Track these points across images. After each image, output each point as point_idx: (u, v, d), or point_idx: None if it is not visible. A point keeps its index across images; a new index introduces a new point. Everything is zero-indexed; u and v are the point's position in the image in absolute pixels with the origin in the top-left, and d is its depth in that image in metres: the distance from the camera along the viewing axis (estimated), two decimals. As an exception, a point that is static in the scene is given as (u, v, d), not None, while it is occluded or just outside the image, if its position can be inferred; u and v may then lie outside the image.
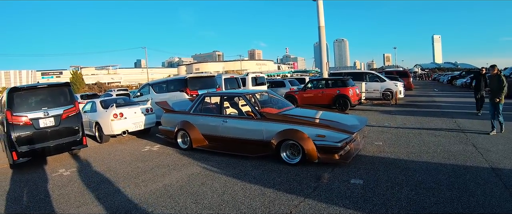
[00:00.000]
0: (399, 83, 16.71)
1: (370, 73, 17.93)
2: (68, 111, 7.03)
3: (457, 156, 5.68)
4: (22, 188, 5.39)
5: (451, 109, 12.37)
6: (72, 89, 7.65)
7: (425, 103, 15.07)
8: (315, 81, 15.00)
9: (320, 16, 16.64)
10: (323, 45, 17.12)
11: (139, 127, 9.27)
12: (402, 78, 20.11)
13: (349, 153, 5.63)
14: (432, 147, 6.38)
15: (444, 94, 20.51)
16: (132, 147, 8.16)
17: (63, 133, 6.92)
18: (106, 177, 5.62)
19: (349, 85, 12.95)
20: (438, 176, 4.69)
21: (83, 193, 4.90)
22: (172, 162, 6.32)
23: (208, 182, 4.97)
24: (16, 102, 6.55)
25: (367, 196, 4.08)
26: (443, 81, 40.92)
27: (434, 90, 25.70)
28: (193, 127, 7.10)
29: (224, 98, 7.26)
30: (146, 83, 13.83)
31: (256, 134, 6.12)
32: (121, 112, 8.94)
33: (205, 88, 11.07)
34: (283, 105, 7.22)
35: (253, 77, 16.12)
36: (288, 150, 5.68)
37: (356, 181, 4.63)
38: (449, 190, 4.14)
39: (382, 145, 6.72)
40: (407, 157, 5.74)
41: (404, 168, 5.11)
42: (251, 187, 4.63)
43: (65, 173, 6.12)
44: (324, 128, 5.43)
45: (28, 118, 6.51)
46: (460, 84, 28.66)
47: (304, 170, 5.22)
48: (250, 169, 5.48)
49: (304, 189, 4.41)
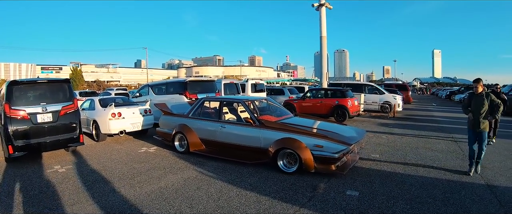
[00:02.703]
0: (397, 97, 16.78)
1: (369, 85, 18.01)
2: (67, 107, 7.02)
3: (453, 171, 5.70)
4: (16, 183, 5.35)
5: (449, 124, 12.43)
6: (71, 86, 7.65)
7: (423, 118, 15.13)
8: (314, 90, 15.08)
9: (322, 26, 16.75)
10: (324, 55, 17.21)
11: (136, 128, 9.25)
12: (401, 91, 20.19)
13: (346, 164, 5.64)
14: (429, 162, 6.40)
15: (442, 109, 20.60)
16: (129, 147, 8.13)
17: (60, 129, 6.91)
18: (102, 176, 5.60)
19: (348, 97, 13.03)
20: (433, 191, 4.71)
21: (77, 191, 4.87)
22: (168, 165, 6.31)
23: (203, 186, 4.96)
24: (15, 95, 6.55)
25: (362, 208, 4.08)
26: (441, 96, 41.12)
27: (432, 104, 25.81)
28: (191, 131, 7.10)
29: (224, 104, 7.27)
30: (146, 84, 13.86)
31: (254, 141, 6.12)
32: (119, 111, 8.93)
33: (205, 93, 11.09)
34: (282, 113, 7.24)
35: (252, 83, 16.15)
36: (285, 158, 5.68)
37: (352, 192, 4.63)
38: (445, 205, 4.16)
39: (379, 158, 6.73)
40: (403, 171, 5.76)
41: (400, 182, 5.13)
42: (247, 194, 4.63)
43: (60, 170, 6.09)
44: (322, 138, 5.44)
45: (26, 112, 6.50)
46: (459, 99, 28.81)
47: (300, 179, 5.22)
48: (247, 176, 5.47)
49: (300, 199, 4.41)
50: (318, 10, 16.78)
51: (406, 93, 22.46)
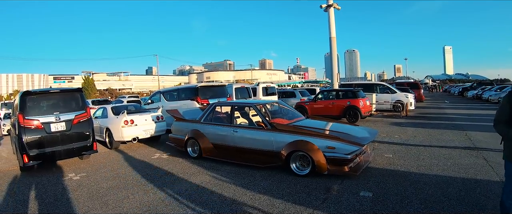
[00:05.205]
0: (410, 95, 16.57)
1: (381, 85, 17.84)
2: (80, 116, 7.15)
3: (467, 169, 5.59)
4: (31, 191, 5.47)
5: (462, 121, 12.21)
6: (84, 95, 7.78)
7: (436, 115, 14.89)
8: (326, 92, 15.01)
9: (331, 27, 16.73)
10: (334, 55, 17.17)
11: (149, 134, 9.35)
12: (413, 90, 19.94)
13: (359, 165, 5.59)
14: (443, 160, 6.30)
15: (455, 106, 20.26)
16: (142, 154, 8.23)
17: (74, 138, 7.02)
18: (116, 183, 5.67)
19: (359, 97, 12.93)
20: (448, 189, 4.63)
21: (92, 198, 4.95)
22: (182, 170, 6.36)
23: (217, 191, 4.98)
24: (28, 106, 6.69)
25: (376, 209, 4.04)
26: (454, 93, 40.46)
27: (445, 102, 25.41)
28: (203, 136, 7.14)
29: (235, 108, 7.29)
30: (157, 91, 13.99)
31: (266, 144, 6.13)
32: (132, 118, 9.05)
33: (216, 98, 11.15)
34: (294, 116, 7.23)
35: (263, 87, 16.16)
36: (297, 161, 5.67)
37: (366, 193, 4.59)
38: (459, 204, 4.09)
39: (392, 157, 6.66)
40: (417, 170, 5.68)
41: (414, 181, 5.05)
42: (260, 197, 4.63)
43: (74, 178, 6.20)
44: (334, 140, 5.42)
45: (39, 121, 6.63)
46: (472, 96, 28.30)
47: (313, 181, 5.20)
48: (259, 179, 5.48)
49: (313, 201, 4.40)
50: (326, 11, 16.79)
51: (418, 92, 22.17)
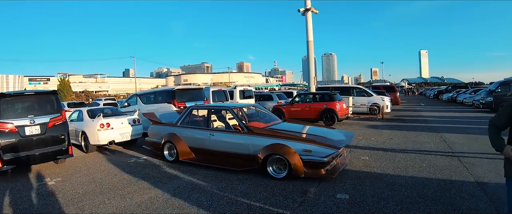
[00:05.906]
0: (386, 98, 16.97)
1: (358, 88, 18.21)
2: (55, 119, 6.95)
3: (442, 170, 5.78)
4: (6, 197, 5.26)
5: (437, 124, 12.63)
6: (59, 97, 7.57)
7: (411, 118, 15.34)
8: (303, 95, 15.16)
9: (309, 30, 16.92)
10: (311, 59, 17.36)
11: (125, 138, 9.18)
12: (389, 93, 20.43)
13: (336, 168, 5.68)
14: (418, 162, 6.48)
15: (431, 109, 20.89)
16: (118, 158, 8.06)
17: (49, 142, 6.82)
18: (92, 188, 5.53)
19: (336, 100, 13.13)
20: (423, 190, 4.76)
21: (67, 203, 4.80)
22: (159, 174, 6.26)
23: (194, 195, 4.94)
24: (3, 108, 6.45)
25: (353, 211, 4.11)
26: (429, 96, 41.68)
27: (420, 104, 26.16)
28: (180, 139, 7.07)
29: (212, 112, 7.27)
30: (134, 94, 13.77)
31: (242, 148, 6.13)
32: (108, 122, 8.86)
33: (193, 101, 11.08)
34: (270, 119, 7.27)
35: (241, 90, 16.20)
36: (274, 164, 5.70)
37: (342, 195, 4.66)
38: (435, 204, 4.21)
39: (368, 160, 6.80)
40: (393, 172, 5.82)
41: (390, 183, 5.18)
42: (238, 200, 4.62)
43: (50, 183, 6.01)
44: (311, 143, 5.48)
45: (14, 125, 6.41)
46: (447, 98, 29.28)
47: (290, 184, 5.24)
48: (237, 183, 5.47)
49: (290, 204, 4.42)
50: (304, 15, 16.97)
51: (394, 95, 22.73)
